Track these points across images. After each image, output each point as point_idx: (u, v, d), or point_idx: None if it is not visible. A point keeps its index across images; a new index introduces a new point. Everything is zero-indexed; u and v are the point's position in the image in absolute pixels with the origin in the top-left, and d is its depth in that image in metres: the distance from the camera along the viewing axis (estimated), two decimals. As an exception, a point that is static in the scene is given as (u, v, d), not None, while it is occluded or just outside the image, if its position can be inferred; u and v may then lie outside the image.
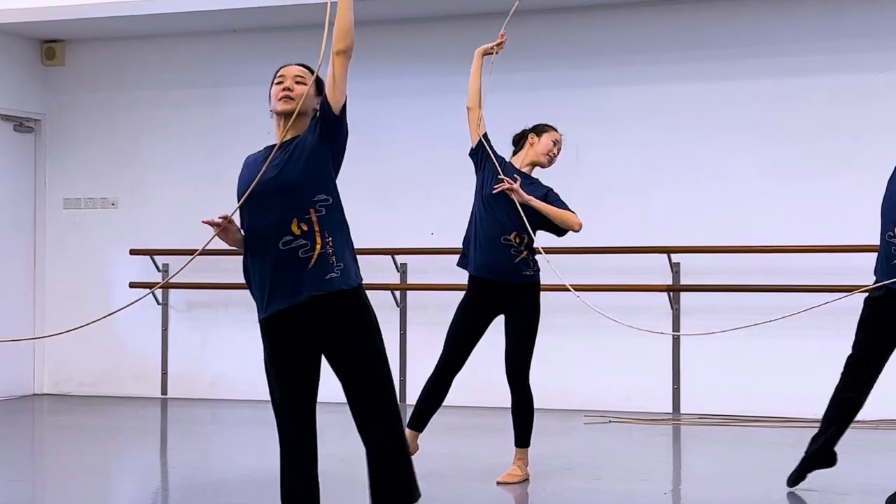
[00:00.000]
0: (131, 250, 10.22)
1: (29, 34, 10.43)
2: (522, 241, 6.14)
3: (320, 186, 4.21)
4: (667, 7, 9.20)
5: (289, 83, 4.28)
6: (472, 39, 9.75)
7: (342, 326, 4.14)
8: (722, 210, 9.00)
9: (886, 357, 5.71)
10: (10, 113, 10.40)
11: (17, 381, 10.27)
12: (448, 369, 6.22)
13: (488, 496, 6.07)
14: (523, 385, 6.18)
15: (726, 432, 8.21)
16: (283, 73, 4.33)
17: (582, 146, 9.39)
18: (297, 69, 4.36)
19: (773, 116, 8.97)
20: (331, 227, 4.18)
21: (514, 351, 6.18)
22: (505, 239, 6.13)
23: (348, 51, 4.19)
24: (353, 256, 4.27)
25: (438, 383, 6.22)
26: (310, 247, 4.11)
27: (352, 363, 4.15)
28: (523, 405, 6.19)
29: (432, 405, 6.26)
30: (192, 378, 10.29)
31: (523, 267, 6.16)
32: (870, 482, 6.19)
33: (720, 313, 9.01)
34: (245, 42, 10.20)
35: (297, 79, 4.30)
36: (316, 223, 4.14)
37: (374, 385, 4.14)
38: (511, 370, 6.18)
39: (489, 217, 6.18)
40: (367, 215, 9.75)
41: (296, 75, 4.31)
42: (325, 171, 4.24)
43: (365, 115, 9.76)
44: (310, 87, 4.31)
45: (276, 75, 4.35)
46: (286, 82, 4.29)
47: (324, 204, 4.19)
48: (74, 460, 7.29)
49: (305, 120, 4.32)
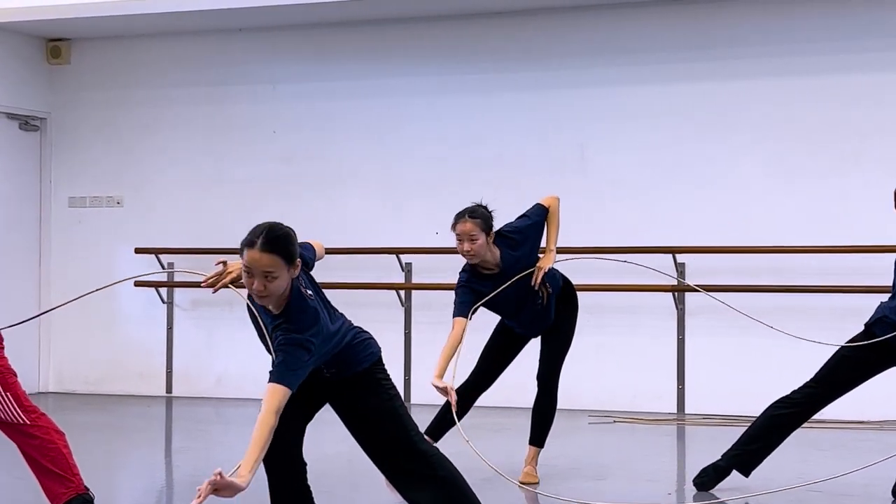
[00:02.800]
0: (136, 249, 10.22)
1: (34, 33, 10.43)
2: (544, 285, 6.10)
3: None
4: (673, 7, 9.19)
5: (258, 285, 3.88)
6: (478, 38, 9.79)
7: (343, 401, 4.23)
8: (728, 210, 8.98)
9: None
10: (16, 111, 10.41)
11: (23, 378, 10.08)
12: (477, 386, 6.27)
13: (494, 496, 6.06)
14: (552, 390, 6.26)
15: (731, 433, 8.17)
16: (248, 266, 3.89)
17: (587, 146, 9.40)
18: (265, 262, 3.86)
19: (779, 116, 8.96)
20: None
21: (550, 357, 6.26)
22: (537, 305, 6.13)
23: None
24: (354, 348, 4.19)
25: (465, 398, 6.19)
26: None
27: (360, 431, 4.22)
28: (547, 407, 6.27)
29: (453, 419, 6.25)
30: (197, 376, 10.29)
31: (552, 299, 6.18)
32: (874, 483, 6.18)
33: (726, 314, 8.99)
34: (251, 41, 10.19)
35: (267, 276, 3.87)
36: None
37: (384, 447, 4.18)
38: (543, 374, 6.25)
39: (520, 313, 6.15)
40: (373, 215, 9.76)
41: (263, 272, 3.86)
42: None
43: (371, 114, 9.77)
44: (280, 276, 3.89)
45: (243, 261, 3.90)
46: (256, 282, 3.88)
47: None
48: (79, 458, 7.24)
49: (287, 291, 3.97)
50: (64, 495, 5.00)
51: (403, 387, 9.56)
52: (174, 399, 10.20)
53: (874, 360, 5.70)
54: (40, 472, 5.03)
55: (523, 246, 6.07)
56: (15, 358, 5.36)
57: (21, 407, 5.03)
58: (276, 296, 3.94)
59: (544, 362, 6.25)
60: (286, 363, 3.84)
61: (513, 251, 6.02)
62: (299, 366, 3.87)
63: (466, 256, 5.95)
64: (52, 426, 5.09)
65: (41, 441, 5.01)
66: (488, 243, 5.91)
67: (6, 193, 10.33)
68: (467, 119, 9.66)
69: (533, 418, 6.29)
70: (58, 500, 5.02)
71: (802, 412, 5.87)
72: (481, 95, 9.63)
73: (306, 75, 9.81)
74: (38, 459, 5.00)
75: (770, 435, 5.92)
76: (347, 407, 4.23)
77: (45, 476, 5.02)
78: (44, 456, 4.99)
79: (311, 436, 4.36)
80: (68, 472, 5.02)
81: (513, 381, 6.64)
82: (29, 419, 5.02)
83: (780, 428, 5.91)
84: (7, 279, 10.26)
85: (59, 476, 5.00)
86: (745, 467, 5.99)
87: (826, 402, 5.84)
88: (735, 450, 6.01)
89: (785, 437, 5.94)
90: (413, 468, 4.15)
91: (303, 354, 3.87)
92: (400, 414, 4.18)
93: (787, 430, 5.92)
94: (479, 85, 9.66)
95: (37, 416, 5.06)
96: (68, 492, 5.00)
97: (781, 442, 5.95)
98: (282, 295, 3.95)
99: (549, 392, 6.25)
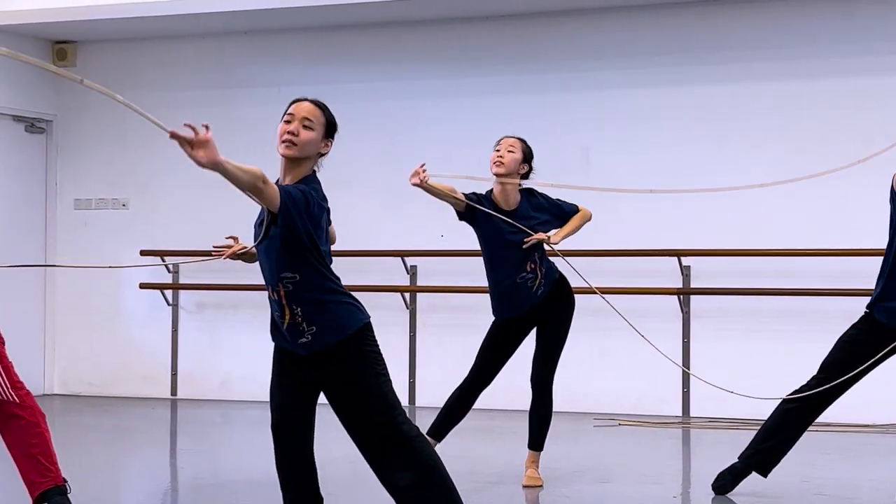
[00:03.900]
0: (141, 251, 10.23)
1: (40, 35, 10.45)
2: (537, 265, 6.11)
3: (286, 264, 4.06)
4: (677, 10, 9.19)
5: (294, 126, 4.09)
6: (483, 42, 9.80)
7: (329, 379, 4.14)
8: (732, 213, 8.98)
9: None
10: (22, 114, 10.42)
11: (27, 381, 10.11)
12: (477, 383, 6.23)
13: (498, 499, 6.06)
14: (548, 392, 6.23)
15: (736, 436, 8.19)
16: (292, 112, 4.14)
17: (592, 149, 9.39)
18: (308, 109, 4.14)
19: (783, 119, 8.95)
20: (299, 301, 4.08)
21: (543, 359, 6.22)
22: (521, 277, 6.10)
23: (256, 190, 3.82)
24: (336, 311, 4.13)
25: (465, 396, 6.20)
26: (280, 313, 4.11)
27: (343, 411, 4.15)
28: (544, 410, 6.22)
29: (456, 417, 6.25)
30: (201, 379, 10.29)
31: (544, 286, 6.15)
32: (879, 486, 6.17)
33: (731, 317, 9.00)
34: (256, 44, 10.21)
35: (306, 122, 4.10)
36: (283, 297, 4.07)
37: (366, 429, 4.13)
38: (538, 376, 6.21)
39: (499, 267, 6.13)
40: (378, 217, 9.77)
41: (304, 117, 4.11)
42: (290, 250, 4.03)
43: (377, 116, 9.78)
44: (314, 132, 4.11)
45: (286, 112, 4.16)
46: (293, 124, 4.10)
47: (290, 281, 4.07)
48: (84, 461, 7.29)
49: (307, 164, 4.14)
50: (42, 484, 4.83)
51: (408, 389, 9.56)
52: (179, 401, 10.21)
53: (874, 340, 5.64)
54: (21, 455, 4.83)
55: (542, 213, 6.15)
56: (19, 360, 5.19)
57: (10, 382, 4.84)
58: (303, 147, 4.06)
59: (538, 364, 6.21)
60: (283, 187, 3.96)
61: (531, 208, 6.11)
62: (291, 189, 3.97)
63: (495, 163, 6.07)
64: (37, 407, 4.91)
65: (27, 422, 4.83)
66: (518, 172, 6.05)
67: (12, 195, 10.35)
68: (472, 121, 9.66)
69: (531, 422, 6.24)
70: (34, 487, 4.84)
71: (814, 403, 5.73)
72: (486, 98, 9.63)
73: (312, 78, 9.81)
74: (21, 441, 4.81)
75: (784, 430, 5.80)
76: (335, 387, 4.15)
77: (25, 460, 4.83)
78: (27, 438, 4.81)
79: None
80: (48, 460, 4.86)
81: (518, 384, 6.64)
82: (17, 396, 4.84)
83: (793, 422, 5.79)
84: (13, 281, 10.26)
85: (40, 463, 4.83)
86: (762, 467, 5.86)
87: (837, 392, 5.70)
88: (750, 449, 5.89)
89: (799, 433, 5.80)
90: (395, 451, 4.10)
91: (298, 195, 3.94)
92: (385, 392, 4.11)
93: (800, 424, 5.79)
94: (483, 88, 9.67)
95: (24, 392, 4.89)
96: (46, 481, 4.84)
97: (797, 438, 5.81)
98: (305, 159, 4.09)
99: (545, 394, 6.21)
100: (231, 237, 4.57)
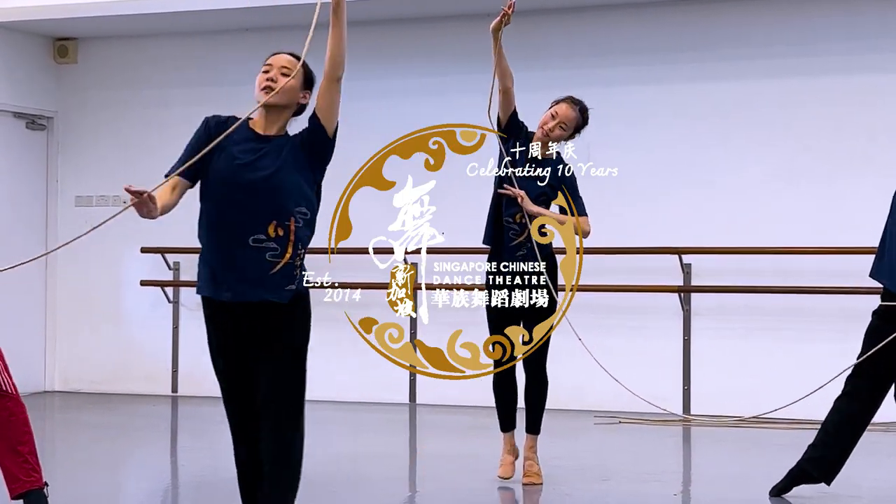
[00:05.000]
0: (142, 248, 10.23)
1: (42, 32, 10.45)
2: (524, 227, 6.10)
3: (304, 198, 4.12)
4: (680, 7, 9.18)
5: (274, 73, 4.20)
6: (480, 39, 9.75)
7: (278, 333, 4.12)
8: (733, 211, 8.97)
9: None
10: (23, 110, 10.42)
11: (28, 378, 10.28)
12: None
13: (497, 497, 6.05)
14: (541, 373, 6.21)
15: (737, 434, 8.19)
16: (270, 62, 4.26)
17: (593, 146, 9.37)
18: (286, 59, 4.26)
19: (786, 117, 8.94)
20: (304, 241, 4.13)
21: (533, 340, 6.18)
22: (506, 221, 6.16)
23: (342, 78, 4.08)
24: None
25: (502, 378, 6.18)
26: (279, 252, 4.07)
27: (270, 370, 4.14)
28: (538, 391, 6.20)
29: (510, 400, 6.23)
30: (202, 376, 10.26)
31: (527, 250, 6.10)
32: (882, 485, 6.17)
33: (732, 314, 9.00)
34: (258, 41, 10.18)
35: (284, 70, 4.21)
36: (293, 232, 4.07)
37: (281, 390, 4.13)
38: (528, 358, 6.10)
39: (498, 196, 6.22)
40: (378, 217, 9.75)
41: (283, 66, 4.22)
42: (310, 185, 4.14)
43: (377, 114, 9.76)
44: (294, 80, 4.21)
45: (265, 63, 4.26)
46: (272, 72, 4.20)
47: (303, 217, 4.11)
48: (84, 458, 7.30)
49: (287, 113, 4.24)
50: (25, 483, 4.75)
51: (409, 389, 9.55)
52: (180, 399, 10.21)
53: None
54: (7, 449, 4.75)
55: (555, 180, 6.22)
56: (20, 358, 5.15)
57: (7, 372, 4.76)
58: (283, 93, 4.12)
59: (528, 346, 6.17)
60: None
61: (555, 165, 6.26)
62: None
63: (542, 130, 6.30)
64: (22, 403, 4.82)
65: (17, 418, 4.77)
66: (565, 140, 6.35)
67: (13, 192, 10.35)
68: (473, 119, 9.62)
69: (526, 404, 6.23)
70: (18, 485, 4.76)
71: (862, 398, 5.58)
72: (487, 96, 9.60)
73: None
74: (10, 435, 4.73)
75: (839, 433, 5.62)
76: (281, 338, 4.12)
77: (11, 455, 4.75)
78: (17, 435, 4.75)
79: (313, 436, 4.36)
80: (33, 458, 4.79)
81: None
82: (12, 389, 4.77)
83: (847, 422, 5.61)
84: (13, 278, 10.26)
85: (27, 462, 4.76)
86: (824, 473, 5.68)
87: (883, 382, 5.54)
88: (807, 454, 5.73)
89: (856, 433, 5.61)
90: (284, 438, 4.09)
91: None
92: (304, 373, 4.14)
93: (854, 424, 5.61)
94: (485, 85, 9.64)
95: (17, 390, 4.81)
96: (30, 480, 4.76)
97: (854, 440, 5.62)
98: (285, 110, 4.18)
99: (538, 375, 6.19)
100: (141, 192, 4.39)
